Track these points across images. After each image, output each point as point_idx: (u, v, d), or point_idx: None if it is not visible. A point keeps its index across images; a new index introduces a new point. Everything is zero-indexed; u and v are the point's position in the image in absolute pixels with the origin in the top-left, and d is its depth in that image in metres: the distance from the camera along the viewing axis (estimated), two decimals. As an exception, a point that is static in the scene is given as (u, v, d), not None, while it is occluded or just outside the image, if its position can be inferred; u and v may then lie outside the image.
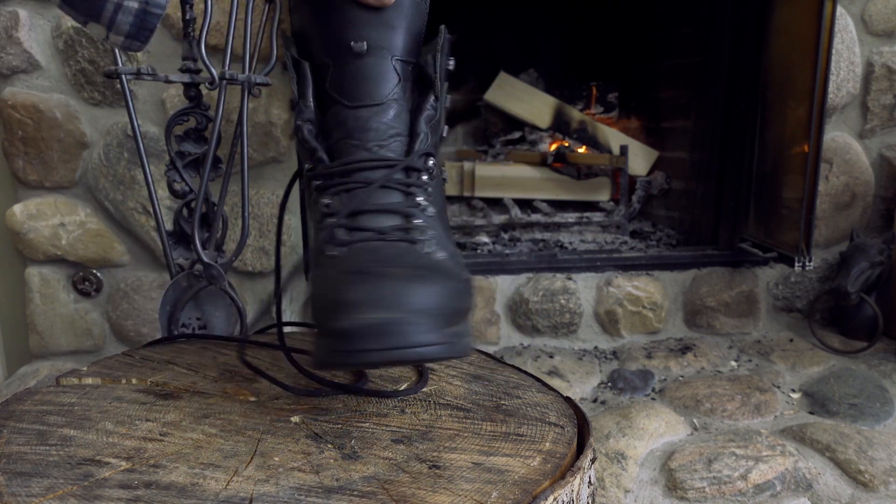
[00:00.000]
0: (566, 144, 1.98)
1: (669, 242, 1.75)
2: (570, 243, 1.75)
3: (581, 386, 1.39)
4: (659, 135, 1.96)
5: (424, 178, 0.54)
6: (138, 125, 1.19)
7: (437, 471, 0.46)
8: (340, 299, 0.44)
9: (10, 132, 1.44)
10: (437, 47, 0.56)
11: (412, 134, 0.55)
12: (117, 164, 1.47)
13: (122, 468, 0.45)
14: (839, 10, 1.51)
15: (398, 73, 0.54)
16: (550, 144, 2.00)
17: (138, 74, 1.11)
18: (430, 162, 0.55)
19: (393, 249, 0.50)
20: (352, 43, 0.52)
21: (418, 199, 0.53)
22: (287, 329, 0.83)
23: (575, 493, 0.46)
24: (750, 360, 1.50)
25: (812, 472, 1.10)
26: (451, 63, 0.58)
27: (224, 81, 1.12)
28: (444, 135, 0.60)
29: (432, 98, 0.56)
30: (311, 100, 0.54)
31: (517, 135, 2.05)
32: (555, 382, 1.38)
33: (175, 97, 1.44)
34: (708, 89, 1.64)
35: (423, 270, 0.47)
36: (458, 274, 0.51)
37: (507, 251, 1.66)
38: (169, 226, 1.23)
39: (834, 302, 1.59)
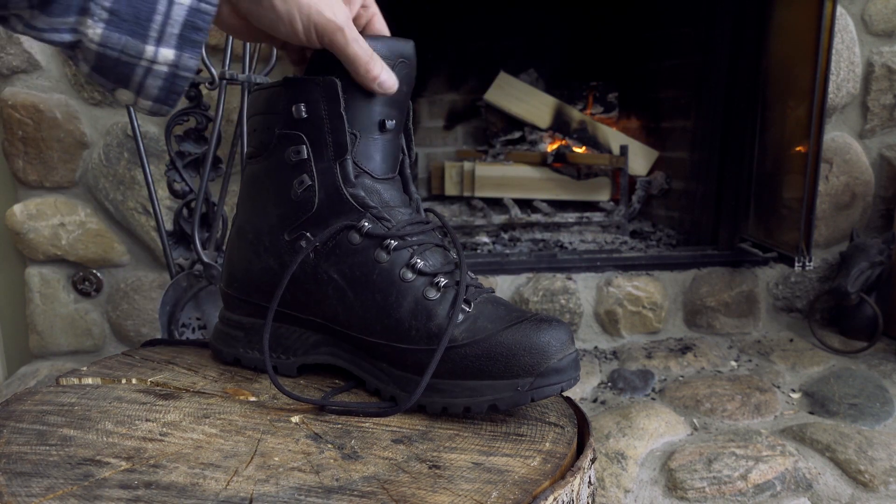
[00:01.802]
0: (566, 144, 1.98)
1: (669, 242, 1.75)
2: (570, 243, 1.75)
3: (581, 386, 1.39)
4: (659, 135, 1.95)
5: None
6: (138, 125, 1.19)
7: (437, 471, 0.46)
8: (541, 343, 0.51)
9: (10, 132, 1.44)
10: (409, 118, 0.62)
11: (410, 198, 0.61)
12: (117, 164, 1.47)
13: (122, 468, 0.45)
14: (839, 10, 1.51)
15: (402, 149, 0.61)
16: (550, 144, 1.99)
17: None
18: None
19: (498, 298, 0.57)
20: (385, 120, 0.57)
21: (451, 252, 0.59)
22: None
23: (575, 493, 0.47)
24: (750, 360, 1.50)
25: (812, 472, 1.10)
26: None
27: (224, 81, 1.12)
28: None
29: (408, 161, 0.63)
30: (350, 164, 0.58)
31: (517, 135, 2.04)
32: (555, 382, 1.37)
33: (175, 97, 1.44)
34: (708, 89, 1.64)
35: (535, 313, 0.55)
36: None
37: (507, 251, 1.66)
38: (169, 226, 1.23)
39: (834, 302, 1.59)
